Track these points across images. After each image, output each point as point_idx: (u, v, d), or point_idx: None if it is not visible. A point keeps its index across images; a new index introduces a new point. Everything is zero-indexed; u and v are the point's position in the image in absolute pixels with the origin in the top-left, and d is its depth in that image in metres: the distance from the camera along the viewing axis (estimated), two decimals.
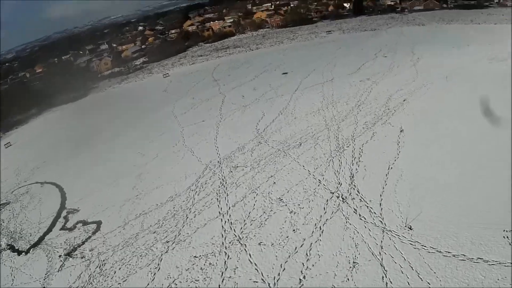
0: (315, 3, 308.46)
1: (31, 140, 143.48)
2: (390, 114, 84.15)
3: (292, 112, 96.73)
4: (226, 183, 70.63)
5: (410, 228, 51.16)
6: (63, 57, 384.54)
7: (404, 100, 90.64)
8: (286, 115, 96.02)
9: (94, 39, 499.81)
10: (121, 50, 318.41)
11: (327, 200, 59.37)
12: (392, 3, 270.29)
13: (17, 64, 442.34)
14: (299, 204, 59.89)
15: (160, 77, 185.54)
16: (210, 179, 73.55)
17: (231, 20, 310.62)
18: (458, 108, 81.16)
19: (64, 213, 77.08)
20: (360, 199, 58.21)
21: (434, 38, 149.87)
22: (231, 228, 58.58)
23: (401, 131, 75.82)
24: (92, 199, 79.06)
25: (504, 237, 47.66)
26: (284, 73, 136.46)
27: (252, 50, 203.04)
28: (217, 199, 66.58)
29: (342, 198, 59.04)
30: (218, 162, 79.35)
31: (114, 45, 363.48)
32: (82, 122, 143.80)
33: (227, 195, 66.82)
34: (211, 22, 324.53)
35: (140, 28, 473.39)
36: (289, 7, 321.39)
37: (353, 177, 63.77)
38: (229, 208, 63.12)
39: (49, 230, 73.35)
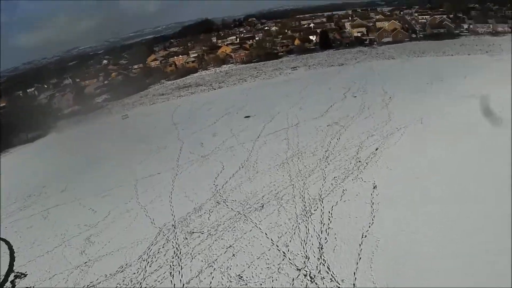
0: (281, 36, 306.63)
1: None
2: (361, 168, 77.16)
3: (254, 165, 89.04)
4: (180, 253, 63.19)
5: None
6: (28, 90, 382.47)
7: (376, 149, 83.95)
8: (247, 168, 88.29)
9: (59, 72, 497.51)
10: (84, 86, 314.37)
11: (293, 279, 52.13)
12: (359, 34, 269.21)
13: None
14: (261, 284, 52.62)
15: (119, 119, 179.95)
16: (163, 247, 66.08)
17: (195, 55, 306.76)
18: (437, 158, 74.89)
19: (11, 277, 70.52)
20: (331, 279, 51.03)
21: (406, 73, 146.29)
22: None
23: (374, 187, 68.75)
24: (41, 262, 72.03)
25: None
26: (246, 117, 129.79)
27: (215, 89, 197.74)
28: (170, 272, 59.18)
29: (310, 277, 51.83)
30: (173, 225, 71.60)
31: (77, 80, 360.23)
32: (35, 167, 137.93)
33: (181, 268, 59.39)
34: (175, 57, 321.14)
35: (105, 61, 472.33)
36: (254, 40, 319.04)
37: (322, 248, 56.46)
38: (183, 286, 55.77)
39: None
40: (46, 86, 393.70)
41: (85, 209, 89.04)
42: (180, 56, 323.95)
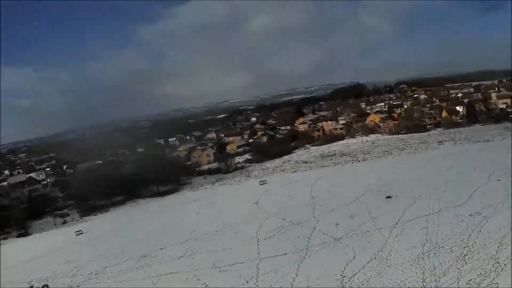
0: (428, 106, 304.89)
1: (104, 234, 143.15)
2: (499, 270, 71.32)
3: (388, 257, 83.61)
4: None
5: None
6: (169, 139, 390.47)
7: None
8: (380, 259, 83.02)
9: (205, 124, 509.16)
10: (227, 142, 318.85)
11: None
12: (504, 106, 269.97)
13: (120, 135, 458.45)
14: None
15: (257, 184, 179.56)
16: None
17: (344, 122, 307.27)
18: None
19: None
20: None
21: None
22: None
23: None
24: None
25: None
26: (387, 197, 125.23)
27: (359, 161, 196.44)
28: None
29: None
30: None
31: (222, 135, 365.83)
32: (159, 225, 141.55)
33: None
34: (324, 122, 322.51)
35: (253, 119, 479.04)
36: (402, 108, 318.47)
37: None
38: None
39: None
40: (188, 137, 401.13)
41: (198, 283, 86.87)
42: (329, 121, 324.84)
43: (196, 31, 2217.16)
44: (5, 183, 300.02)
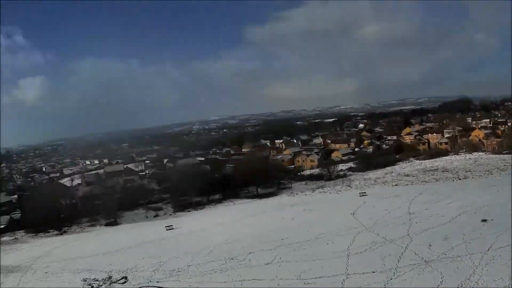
0: None
1: (194, 232, 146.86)
2: None
3: (474, 286, 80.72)
4: None
5: None
6: (276, 141, 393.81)
7: None
8: None
9: (313, 128, 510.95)
10: (332, 149, 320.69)
11: None
12: None
13: (227, 133, 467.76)
14: None
15: (357, 194, 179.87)
16: None
17: (449, 135, 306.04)
18: None
19: None
20: None
21: None
22: None
23: None
24: None
25: None
26: (483, 220, 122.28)
27: (460, 179, 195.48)
28: None
29: None
30: None
31: (329, 141, 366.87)
32: (251, 229, 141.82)
33: None
34: (429, 134, 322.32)
35: (361, 125, 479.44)
36: (506, 126, 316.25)
37: None
38: None
39: None
40: (295, 140, 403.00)
41: None
42: (434, 134, 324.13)
43: (308, 35, 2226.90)
44: (102, 170, 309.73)
